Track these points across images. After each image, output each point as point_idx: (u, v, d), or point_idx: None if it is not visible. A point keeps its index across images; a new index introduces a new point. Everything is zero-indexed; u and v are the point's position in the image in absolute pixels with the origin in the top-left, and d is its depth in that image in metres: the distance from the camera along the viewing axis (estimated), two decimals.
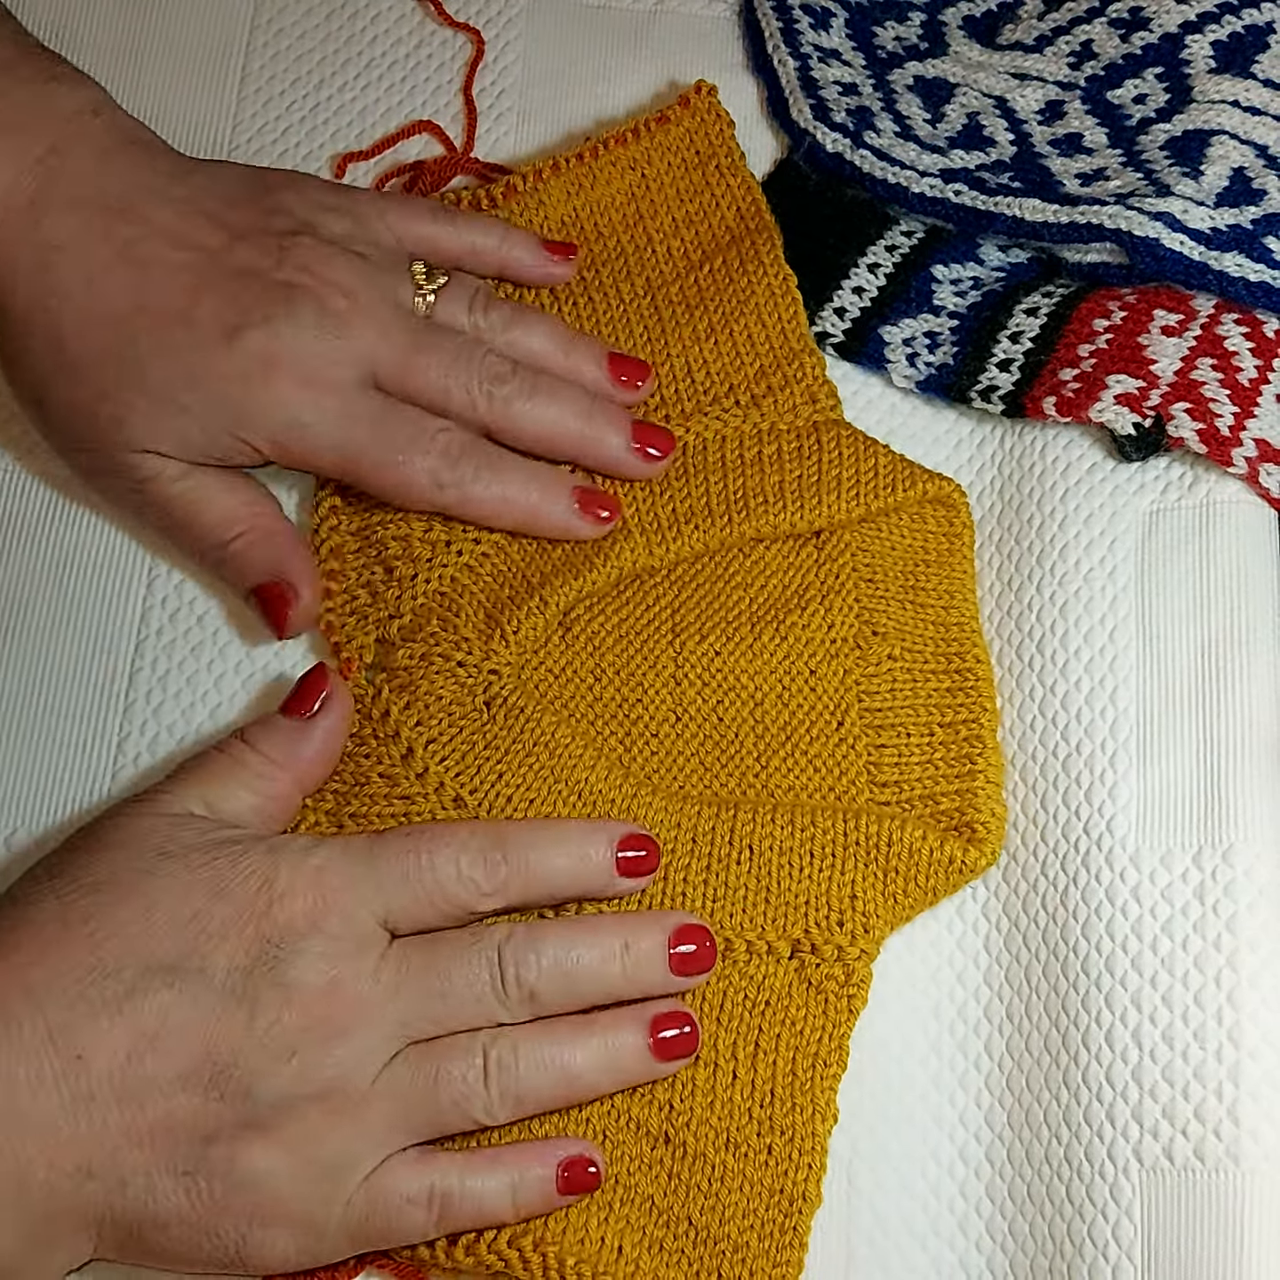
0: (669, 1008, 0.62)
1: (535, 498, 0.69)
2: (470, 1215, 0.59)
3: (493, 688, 0.66)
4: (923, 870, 0.64)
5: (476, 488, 0.68)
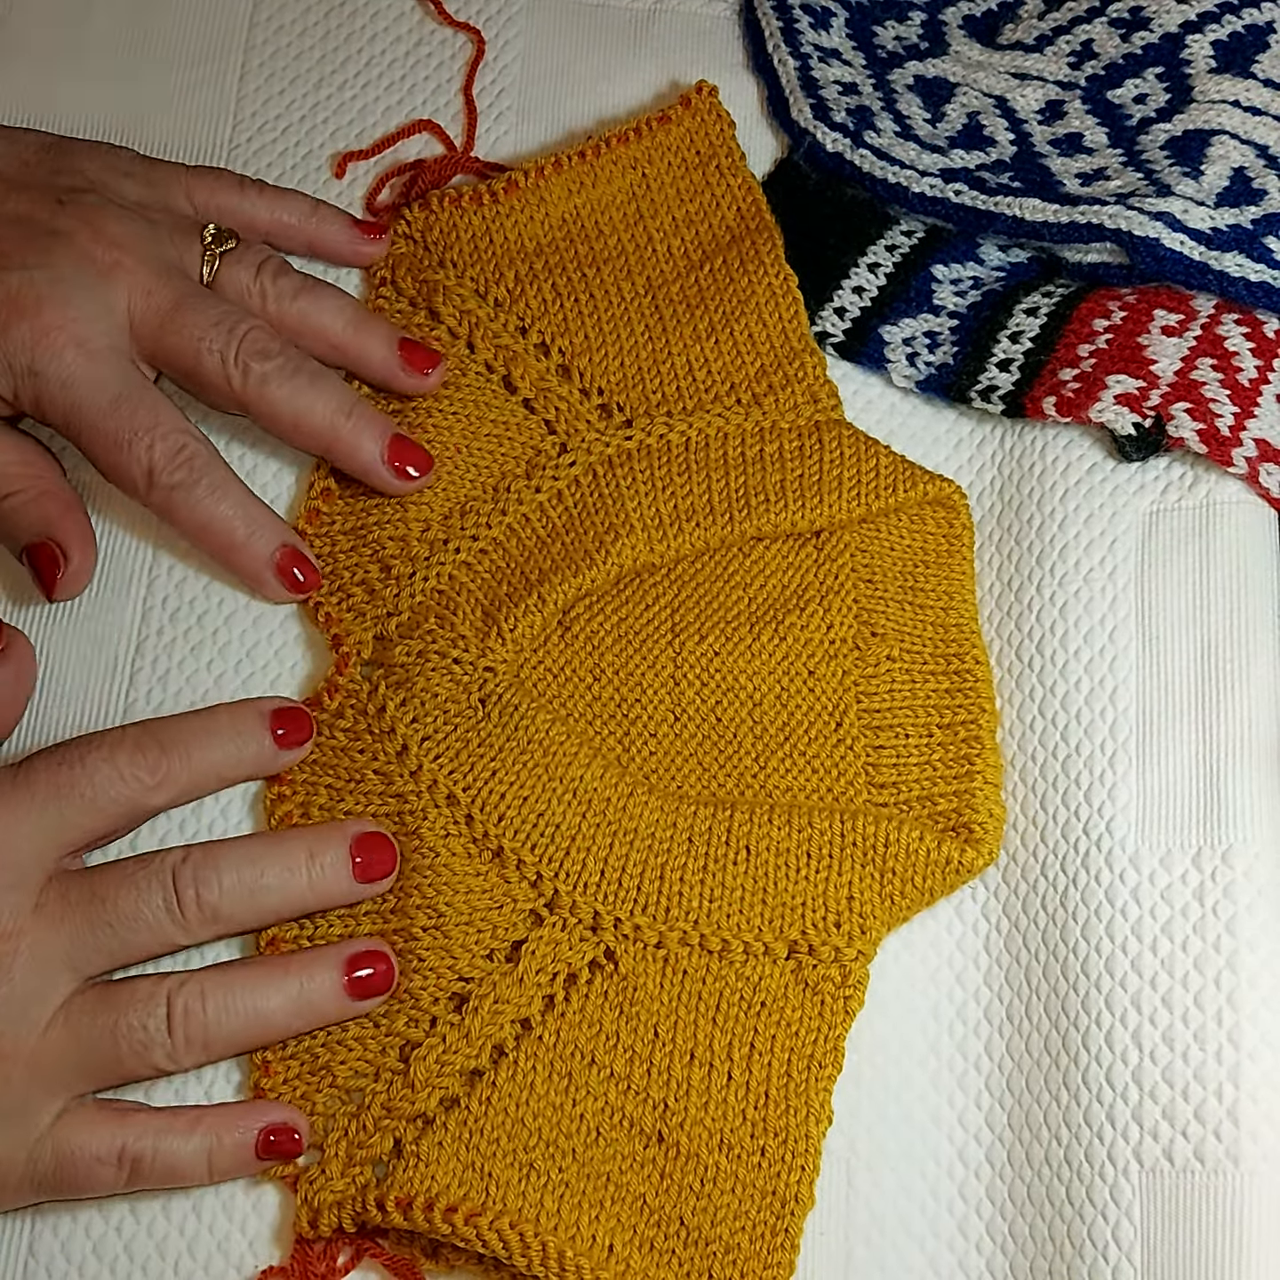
0: (365, 946, 0.62)
1: (240, 532, 0.67)
2: (161, 1176, 0.59)
3: (488, 685, 0.66)
4: (919, 871, 0.64)
5: (183, 497, 0.66)
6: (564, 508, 0.70)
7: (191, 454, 0.66)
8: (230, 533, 0.67)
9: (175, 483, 0.66)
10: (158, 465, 0.65)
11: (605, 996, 0.63)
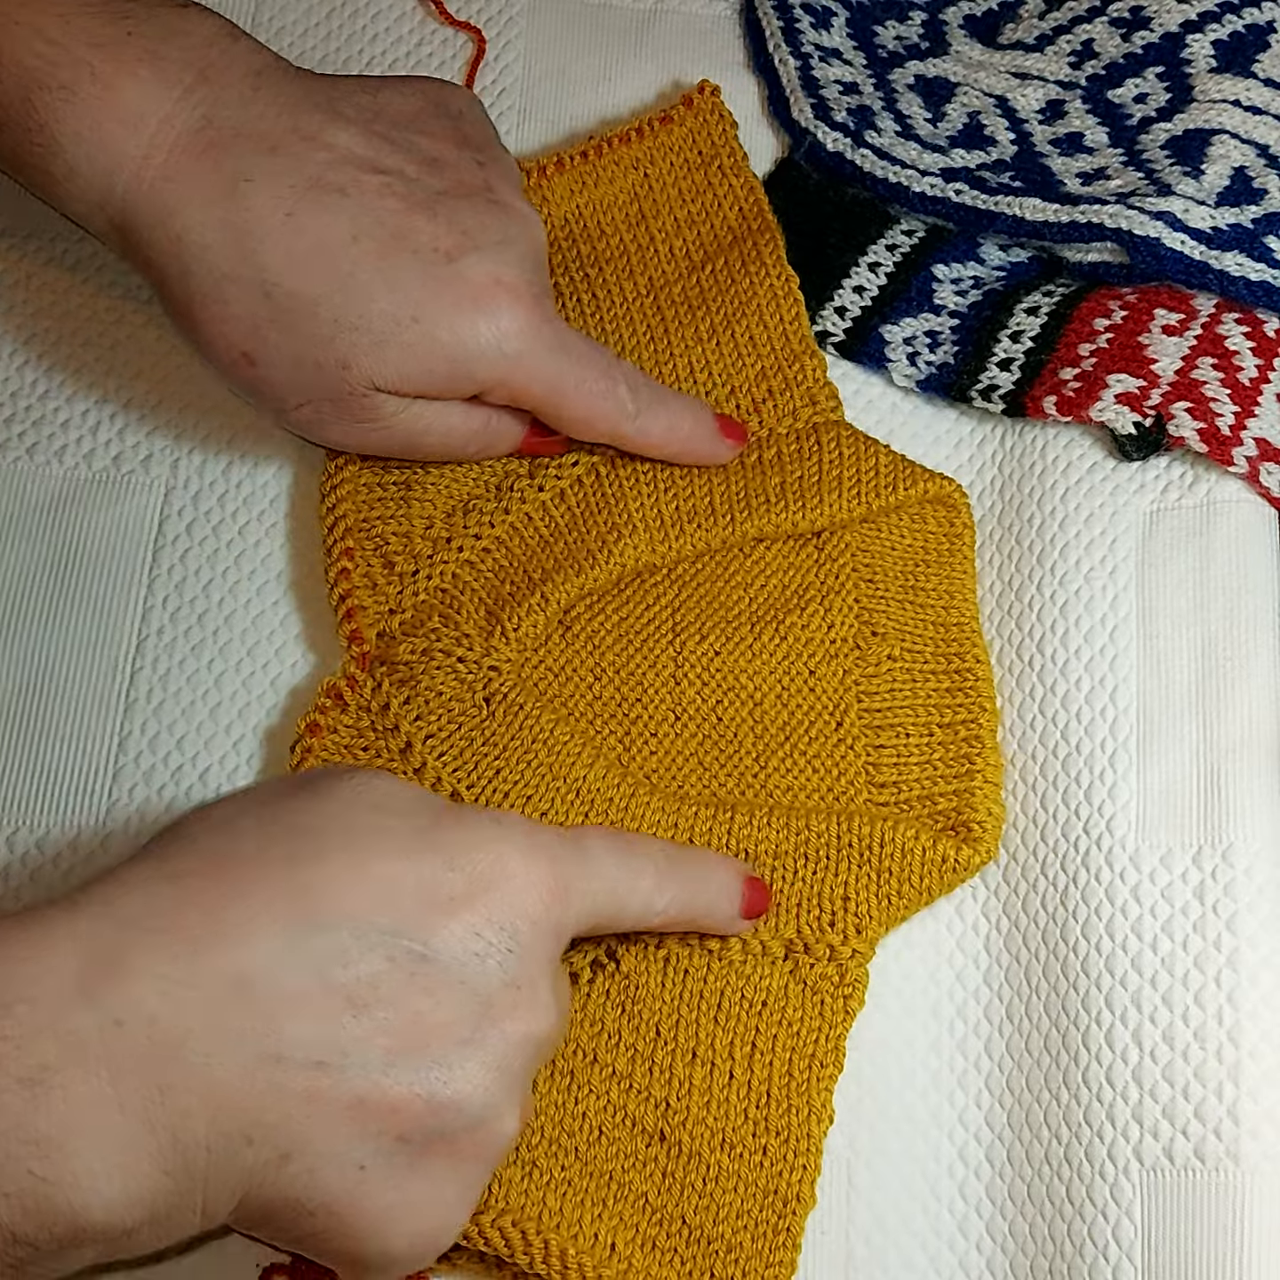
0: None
1: (689, 427, 0.69)
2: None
3: (492, 684, 0.66)
4: (916, 870, 0.64)
5: (649, 418, 0.68)
6: (566, 507, 0.70)
7: (632, 373, 0.68)
8: (687, 422, 0.69)
9: (644, 404, 0.67)
10: (627, 399, 0.67)
11: (607, 995, 0.63)
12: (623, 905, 0.58)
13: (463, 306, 0.63)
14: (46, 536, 0.71)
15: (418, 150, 0.66)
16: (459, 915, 0.53)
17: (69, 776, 0.68)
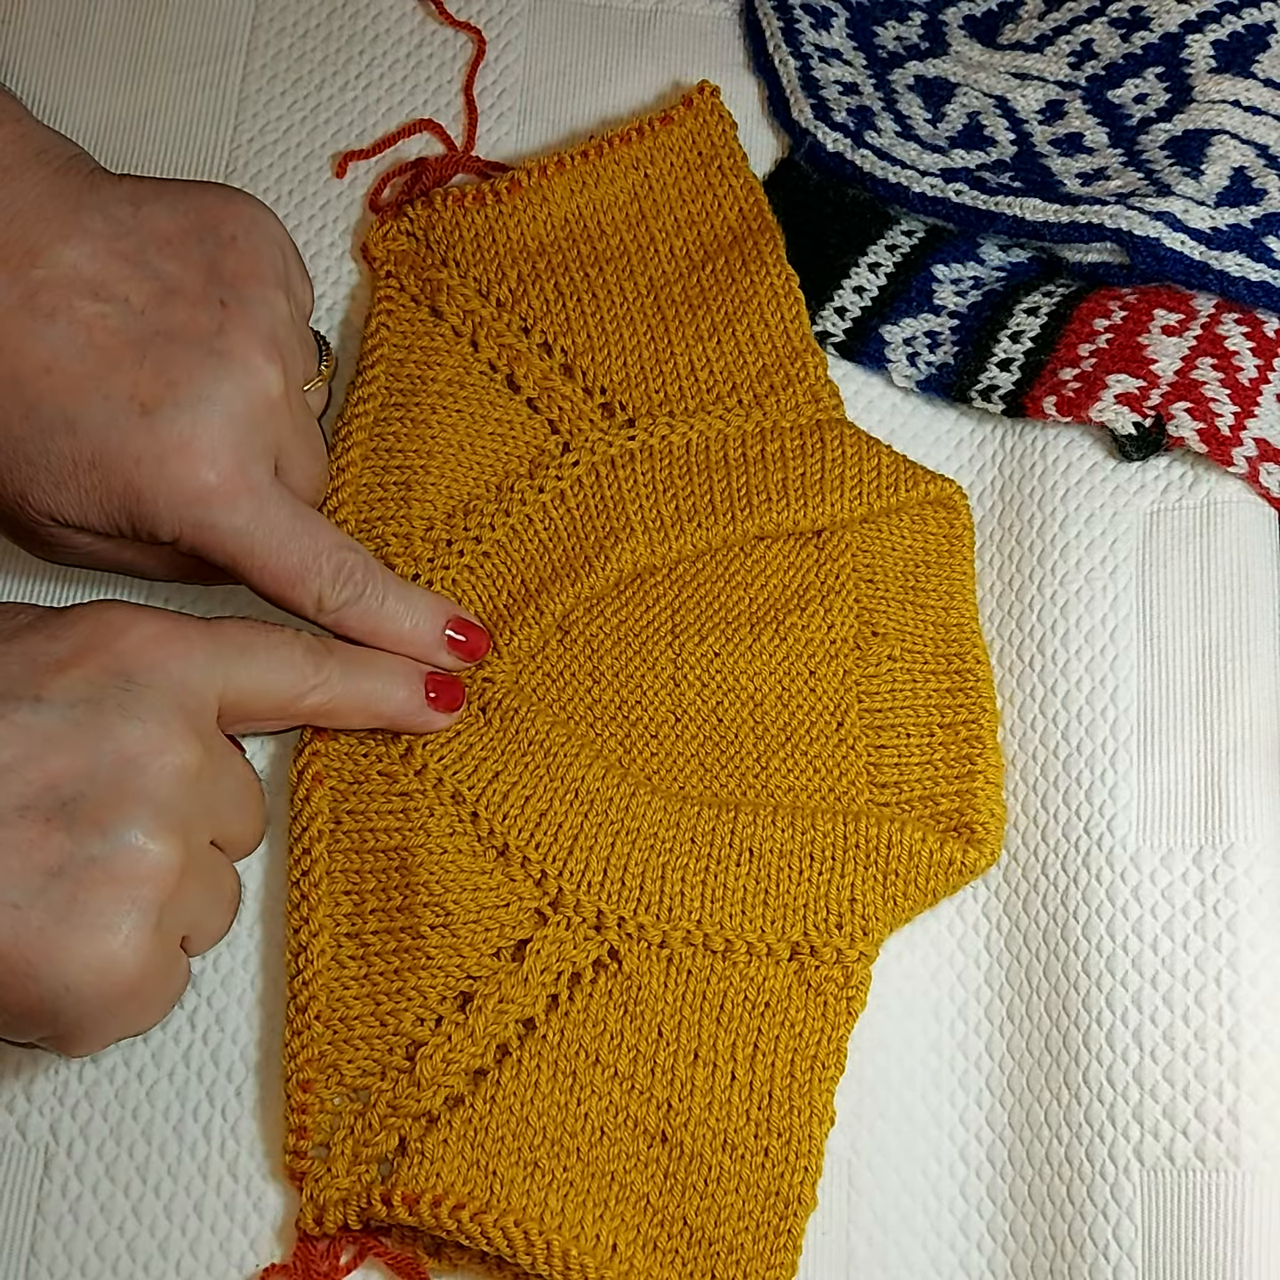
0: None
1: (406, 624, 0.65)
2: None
3: (487, 694, 0.66)
4: (922, 873, 0.64)
5: (351, 612, 0.64)
6: (566, 508, 0.70)
7: (351, 568, 0.64)
8: (398, 629, 0.65)
9: (343, 602, 0.64)
10: (325, 592, 0.63)
11: (609, 996, 0.63)
12: (264, 671, 0.59)
13: (144, 463, 0.60)
14: None
15: (157, 278, 0.62)
16: (66, 671, 0.55)
17: None
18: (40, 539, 0.63)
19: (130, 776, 0.55)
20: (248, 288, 0.63)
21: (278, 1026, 0.64)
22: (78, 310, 0.60)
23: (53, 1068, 0.64)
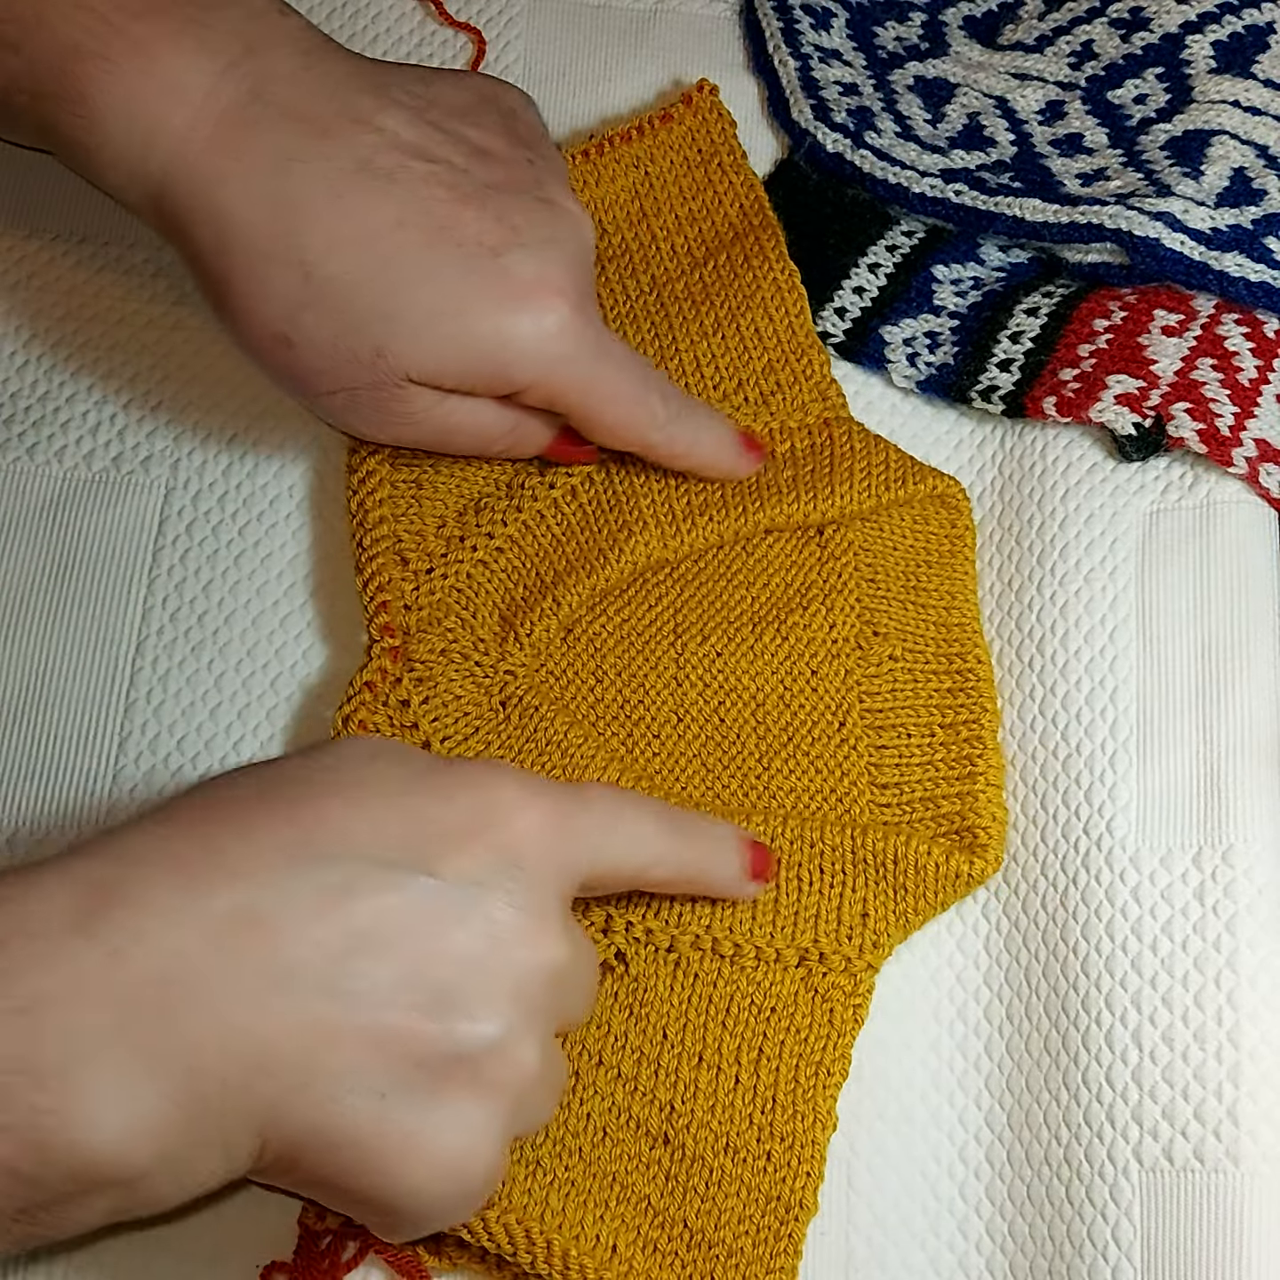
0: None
1: (713, 440, 0.69)
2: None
3: (508, 688, 0.66)
4: (931, 886, 0.64)
5: (676, 429, 0.67)
6: (578, 504, 0.70)
7: (665, 384, 0.67)
8: (713, 437, 0.68)
9: (674, 414, 0.67)
10: (658, 408, 0.66)
11: (615, 998, 0.63)
12: (625, 847, 0.57)
13: (506, 303, 0.62)
14: (47, 537, 0.71)
15: (468, 142, 0.64)
16: (461, 846, 0.52)
17: (69, 778, 0.68)
18: (382, 402, 0.64)
19: (508, 971, 0.52)
20: (543, 146, 0.67)
21: None
22: (413, 169, 0.62)
23: None
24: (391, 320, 0.61)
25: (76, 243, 0.76)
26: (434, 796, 0.53)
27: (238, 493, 0.72)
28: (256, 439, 0.73)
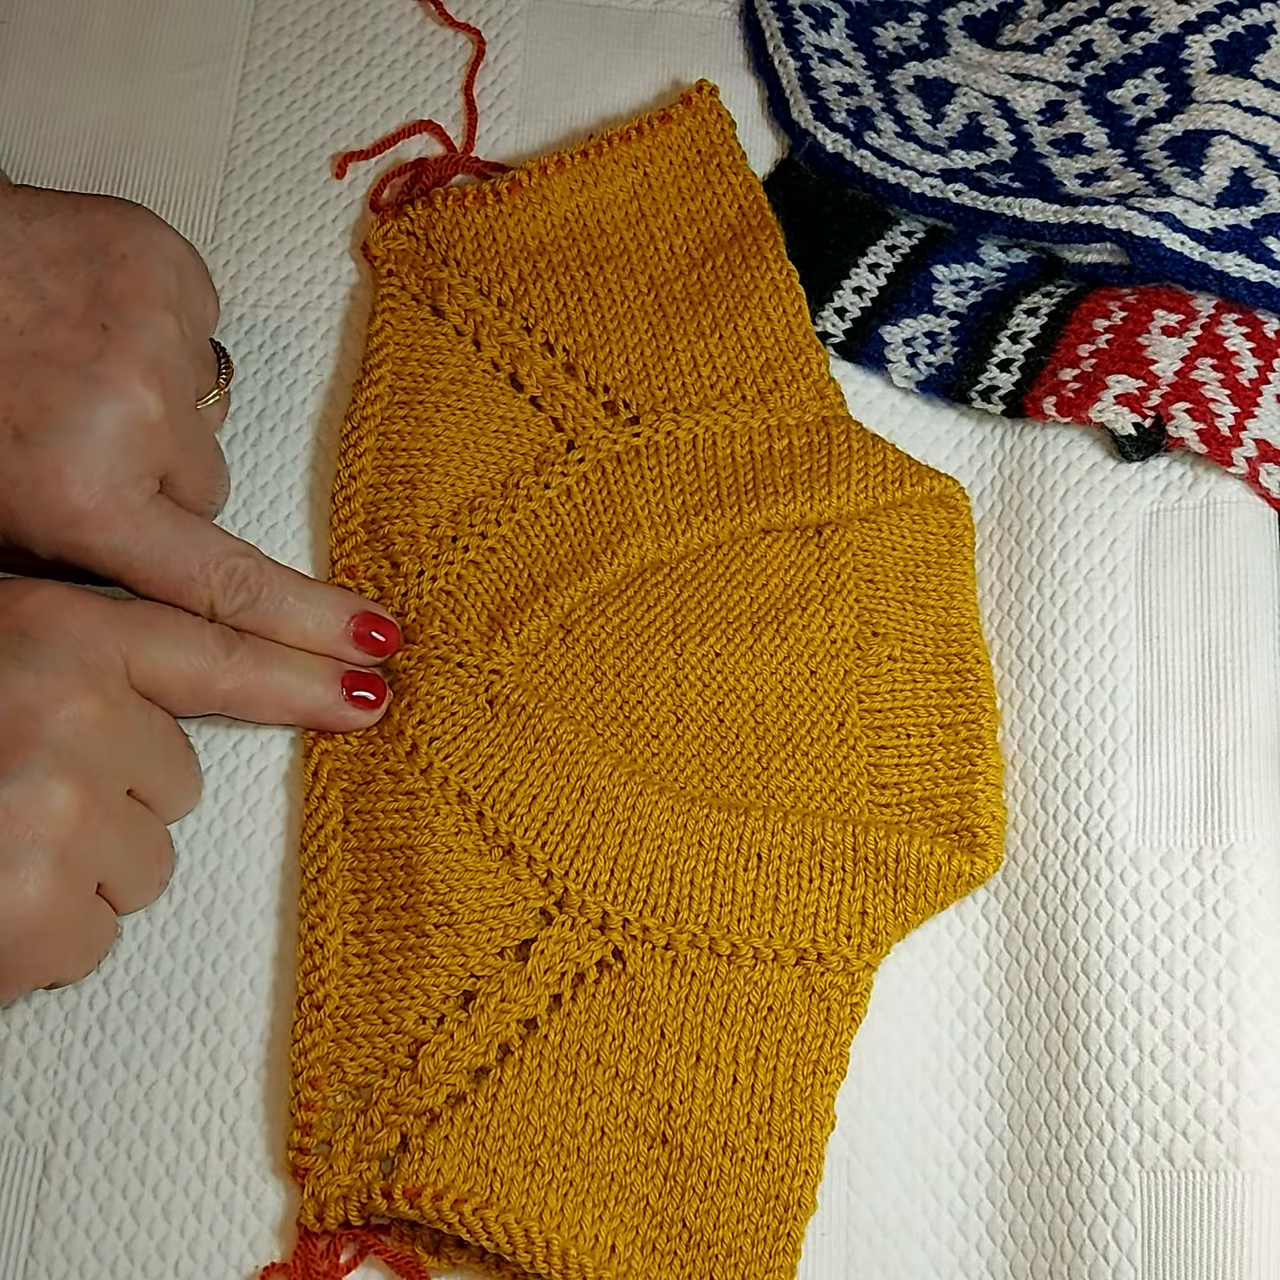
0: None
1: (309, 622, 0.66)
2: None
3: (494, 687, 0.66)
4: (931, 885, 0.64)
5: (248, 616, 0.65)
6: (573, 504, 0.70)
7: (244, 573, 0.64)
8: (301, 628, 0.65)
9: (237, 607, 0.64)
10: (217, 599, 0.64)
11: (612, 996, 0.63)
12: (173, 646, 0.61)
13: (19, 486, 0.61)
14: None
15: (40, 298, 0.62)
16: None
17: None
18: None
19: (26, 723, 0.57)
20: (133, 311, 0.63)
21: (277, 1027, 0.64)
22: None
23: (51, 1068, 0.64)
24: None
25: None
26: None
27: (237, 494, 0.72)
28: (256, 439, 0.73)
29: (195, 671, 0.62)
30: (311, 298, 0.75)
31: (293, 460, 0.73)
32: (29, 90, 0.78)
